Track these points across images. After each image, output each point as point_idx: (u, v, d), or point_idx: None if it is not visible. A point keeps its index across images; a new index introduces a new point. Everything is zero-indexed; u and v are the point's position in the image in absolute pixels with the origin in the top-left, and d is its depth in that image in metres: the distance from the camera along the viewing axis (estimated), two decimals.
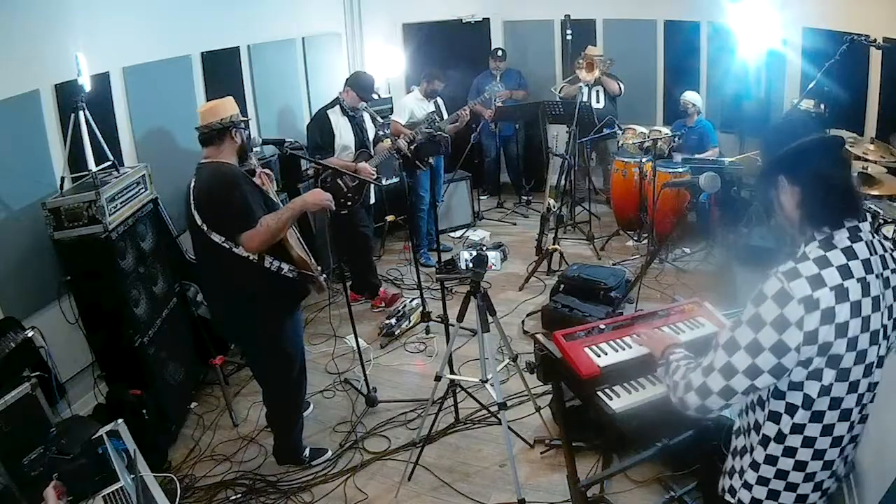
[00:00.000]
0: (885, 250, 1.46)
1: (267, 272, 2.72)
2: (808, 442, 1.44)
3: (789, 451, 1.46)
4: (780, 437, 1.46)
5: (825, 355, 1.34)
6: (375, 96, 4.40)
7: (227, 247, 2.64)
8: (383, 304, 4.70)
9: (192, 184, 2.73)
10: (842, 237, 1.40)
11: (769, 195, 1.52)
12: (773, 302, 1.34)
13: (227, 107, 2.80)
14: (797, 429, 1.43)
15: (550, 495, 2.87)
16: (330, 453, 3.24)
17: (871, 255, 1.40)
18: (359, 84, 4.37)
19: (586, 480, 2.46)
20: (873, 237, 1.44)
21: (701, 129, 5.48)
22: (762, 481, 1.51)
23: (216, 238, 2.65)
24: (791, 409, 1.42)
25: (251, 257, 2.67)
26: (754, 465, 1.52)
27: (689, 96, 5.48)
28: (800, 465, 1.46)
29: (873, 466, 2.27)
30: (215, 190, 2.66)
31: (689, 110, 5.46)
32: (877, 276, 1.39)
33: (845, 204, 1.43)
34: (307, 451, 3.20)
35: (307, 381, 3.26)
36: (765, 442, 1.48)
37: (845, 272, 1.36)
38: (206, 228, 2.65)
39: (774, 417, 1.45)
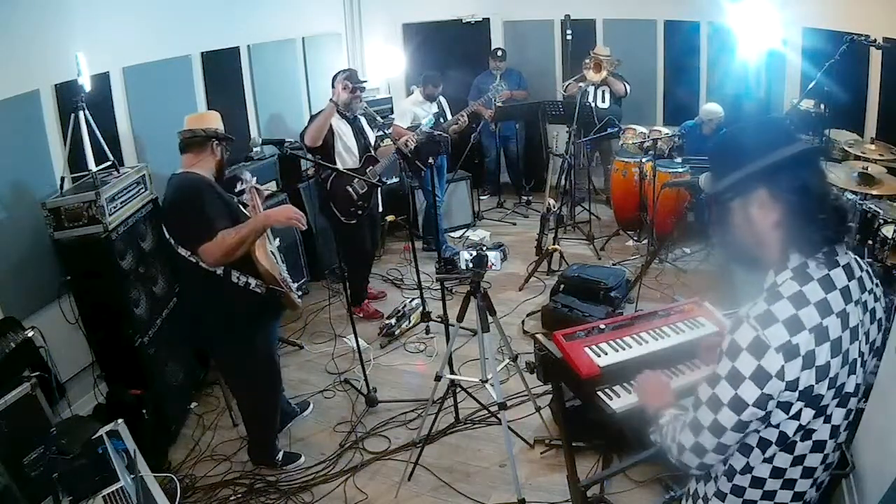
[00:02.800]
0: (862, 269, 1.34)
1: (235, 287, 2.66)
2: (778, 473, 1.34)
3: (757, 482, 1.37)
4: (746, 469, 1.37)
5: (807, 399, 1.24)
6: (363, 80, 4.30)
7: (194, 261, 2.60)
8: (361, 315, 4.63)
9: (165, 193, 2.72)
10: (817, 265, 1.27)
11: (730, 209, 1.34)
12: (748, 354, 1.21)
13: (212, 119, 2.80)
14: (767, 460, 1.34)
15: (550, 495, 2.87)
16: (303, 459, 3.22)
17: (849, 280, 1.29)
18: (344, 75, 4.21)
19: (586, 480, 2.46)
20: (850, 259, 1.33)
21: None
22: None
23: (182, 252, 2.62)
24: (763, 444, 1.33)
25: (217, 272, 2.62)
26: (720, 495, 1.43)
27: (716, 110, 5.27)
28: (768, 496, 1.37)
29: (873, 466, 2.27)
30: (177, 201, 2.63)
31: (721, 124, 5.24)
32: (856, 304, 1.29)
33: (834, 226, 1.28)
34: (280, 455, 3.20)
35: (282, 381, 3.28)
36: (730, 473, 1.39)
37: (824, 309, 1.24)
38: (173, 243, 2.63)
39: (745, 450, 1.36)
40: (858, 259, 1.37)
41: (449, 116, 5.28)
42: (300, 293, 3.00)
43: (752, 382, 1.22)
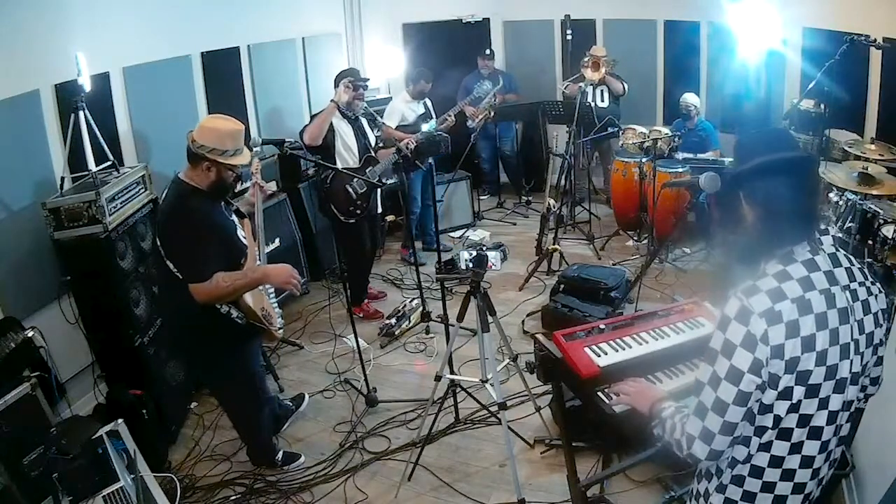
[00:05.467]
0: (852, 264, 1.42)
1: (217, 311, 2.60)
2: (776, 462, 1.38)
3: (756, 472, 1.40)
4: (746, 458, 1.41)
5: (794, 372, 1.29)
6: (367, 78, 4.32)
7: (181, 277, 2.51)
8: (361, 315, 4.62)
9: (163, 196, 2.64)
10: (802, 250, 1.37)
11: (732, 205, 1.47)
12: (737, 322, 1.31)
13: (215, 134, 2.50)
14: (764, 447, 1.38)
15: (550, 495, 2.87)
16: (303, 459, 3.21)
17: (835, 266, 1.38)
18: (346, 75, 4.24)
19: (586, 480, 2.46)
20: (837, 250, 1.41)
21: (702, 131, 5.46)
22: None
23: (169, 265, 2.53)
24: (760, 431, 1.37)
25: None
26: (721, 488, 1.47)
27: (690, 98, 5.44)
28: (768, 487, 1.40)
29: (873, 466, 2.28)
30: (174, 223, 2.53)
31: (691, 113, 5.42)
32: (843, 288, 1.36)
33: (801, 230, 1.38)
34: (280, 455, 3.18)
35: (268, 390, 3.23)
36: (732, 464, 1.44)
37: (806, 284, 1.33)
38: (163, 252, 2.54)
39: (744, 441, 1.40)
40: (849, 255, 1.44)
41: (434, 117, 5.27)
42: (281, 325, 2.90)
43: (744, 349, 1.30)
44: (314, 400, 3.70)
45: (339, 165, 4.15)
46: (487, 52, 6.20)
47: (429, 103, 5.37)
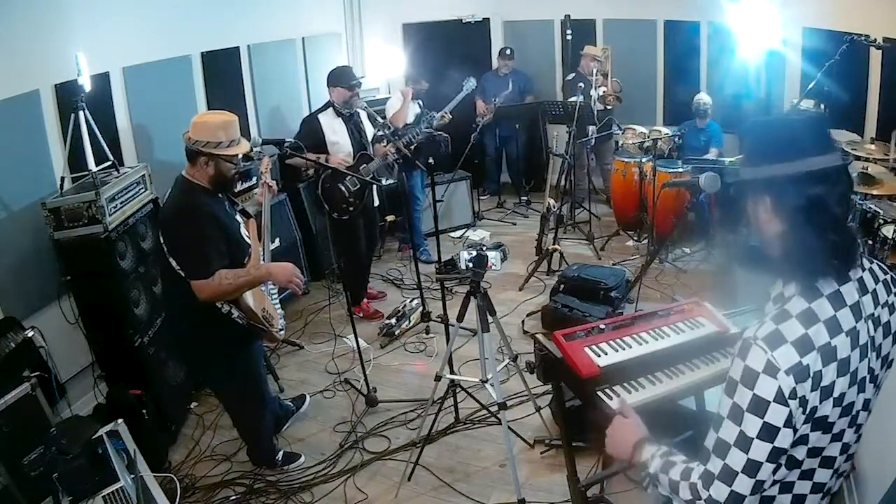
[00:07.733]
0: (879, 280, 1.29)
1: (218, 310, 2.60)
2: (787, 487, 1.30)
3: (767, 500, 1.31)
4: None
5: (811, 420, 1.20)
6: (360, 77, 4.32)
7: (182, 274, 2.52)
8: (361, 314, 4.62)
9: (166, 195, 2.66)
10: (828, 280, 1.22)
11: (747, 203, 1.29)
12: (766, 376, 1.17)
13: (207, 128, 2.53)
14: (776, 480, 1.28)
15: (550, 495, 2.87)
16: (303, 459, 3.21)
17: (862, 295, 1.24)
18: (337, 77, 4.27)
19: (586, 480, 2.45)
20: (864, 270, 1.27)
21: (711, 132, 5.48)
22: None
23: (172, 262, 2.54)
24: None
25: None
26: None
27: (705, 97, 5.45)
28: None
29: (873, 466, 2.27)
30: (177, 219, 2.54)
31: (707, 111, 5.42)
32: (866, 319, 1.24)
33: (839, 254, 1.20)
34: (280, 455, 3.18)
35: (269, 391, 3.23)
36: None
37: (833, 327, 1.19)
38: (165, 250, 2.56)
39: None
40: (878, 267, 1.31)
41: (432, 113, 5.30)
42: (283, 326, 2.90)
43: (777, 404, 1.16)
44: (314, 400, 3.70)
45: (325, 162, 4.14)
46: (507, 51, 6.19)
47: (420, 104, 5.37)
